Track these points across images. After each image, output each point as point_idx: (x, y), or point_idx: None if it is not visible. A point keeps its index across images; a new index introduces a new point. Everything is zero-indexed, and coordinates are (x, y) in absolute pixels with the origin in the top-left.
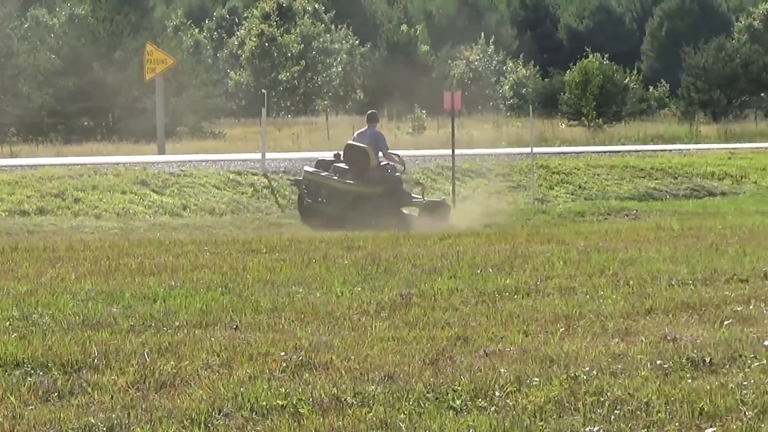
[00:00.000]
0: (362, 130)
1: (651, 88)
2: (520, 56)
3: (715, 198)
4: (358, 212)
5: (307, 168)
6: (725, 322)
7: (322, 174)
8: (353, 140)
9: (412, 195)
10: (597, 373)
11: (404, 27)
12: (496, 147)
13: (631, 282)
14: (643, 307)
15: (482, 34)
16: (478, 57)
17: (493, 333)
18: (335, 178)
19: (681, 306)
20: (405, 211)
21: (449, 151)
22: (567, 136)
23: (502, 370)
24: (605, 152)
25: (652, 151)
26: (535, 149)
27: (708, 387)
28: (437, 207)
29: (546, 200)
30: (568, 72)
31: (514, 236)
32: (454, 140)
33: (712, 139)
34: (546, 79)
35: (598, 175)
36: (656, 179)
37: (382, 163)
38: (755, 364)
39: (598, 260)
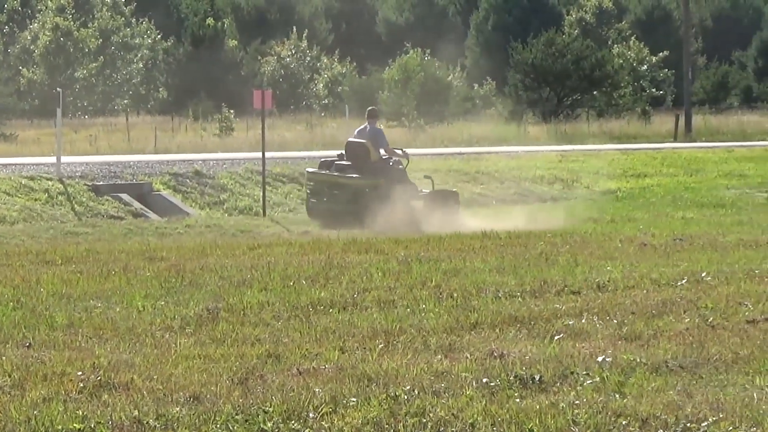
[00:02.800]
0: (362, 127)
1: (476, 86)
2: (336, 52)
3: (544, 203)
4: (364, 206)
5: (309, 169)
6: (556, 337)
7: (324, 172)
8: (353, 137)
9: (420, 189)
10: (418, 392)
11: (210, 21)
12: (310, 150)
13: (455, 294)
14: (468, 321)
15: (294, 29)
16: (290, 53)
17: (306, 350)
18: (338, 174)
19: (508, 320)
20: (412, 204)
21: (259, 154)
22: (387, 138)
23: (317, 390)
24: (427, 155)
25: (477, 153)
26: None
27: (537, 406)
28: (446, 196)
29: None
30: (387, 69)
31: (330, 245)
32: (264, 142)
33: (542, 140)
34: (363, 77)
35: (418, 179)
36: (481, 184)
37: (384, 157)
38: (588, 382)
39: (420, 271)
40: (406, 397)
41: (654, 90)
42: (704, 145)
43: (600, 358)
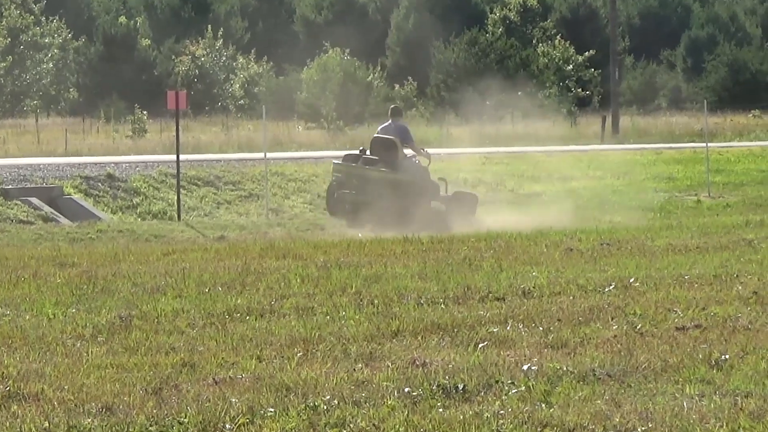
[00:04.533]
0: (385, 124)
1: (397, 87)
2: (252, 51)
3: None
4: (389, 202)
5: (335, 161)
6: (480, 345)
7: (354, 165)
8: (378, 134)
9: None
10: (339, 403)
11: (123, 19)
12: (225, 152)
13: (376, 301)
14: (389, 328)
15: (209, 27)
16: (205, 52)
17: (223, 359)
18: (367, 167)
19: (431, 327)
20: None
21: (173, 157)
22: (304, 140)
23: (234, 400)
24: None
25: None
26: (269, 154)
27: (461, 417)
28: (466, 199)
29: (281, 211)
30: (305, 69)
31: (246, 251)
32: (178, 144)
33: (465, 142)
34: (281, 77)
35: None
36: None
37: (408, 156)
38: (513, 391)
39: (340, 277)
40: (325, 407)
41: (580, 90)
42: (632, 147)
43: (525, 367)
